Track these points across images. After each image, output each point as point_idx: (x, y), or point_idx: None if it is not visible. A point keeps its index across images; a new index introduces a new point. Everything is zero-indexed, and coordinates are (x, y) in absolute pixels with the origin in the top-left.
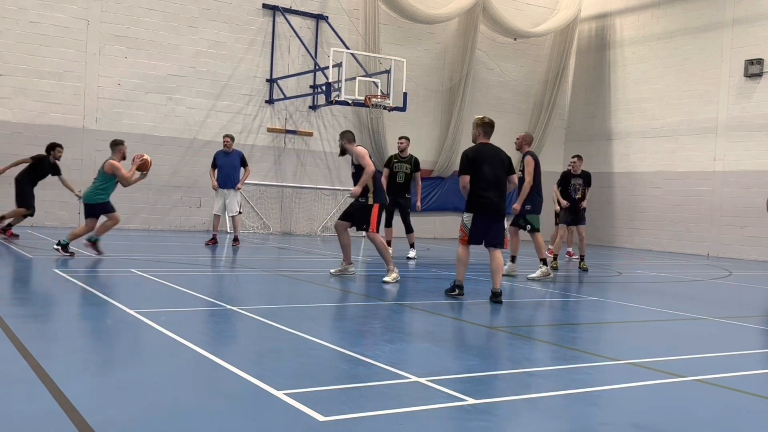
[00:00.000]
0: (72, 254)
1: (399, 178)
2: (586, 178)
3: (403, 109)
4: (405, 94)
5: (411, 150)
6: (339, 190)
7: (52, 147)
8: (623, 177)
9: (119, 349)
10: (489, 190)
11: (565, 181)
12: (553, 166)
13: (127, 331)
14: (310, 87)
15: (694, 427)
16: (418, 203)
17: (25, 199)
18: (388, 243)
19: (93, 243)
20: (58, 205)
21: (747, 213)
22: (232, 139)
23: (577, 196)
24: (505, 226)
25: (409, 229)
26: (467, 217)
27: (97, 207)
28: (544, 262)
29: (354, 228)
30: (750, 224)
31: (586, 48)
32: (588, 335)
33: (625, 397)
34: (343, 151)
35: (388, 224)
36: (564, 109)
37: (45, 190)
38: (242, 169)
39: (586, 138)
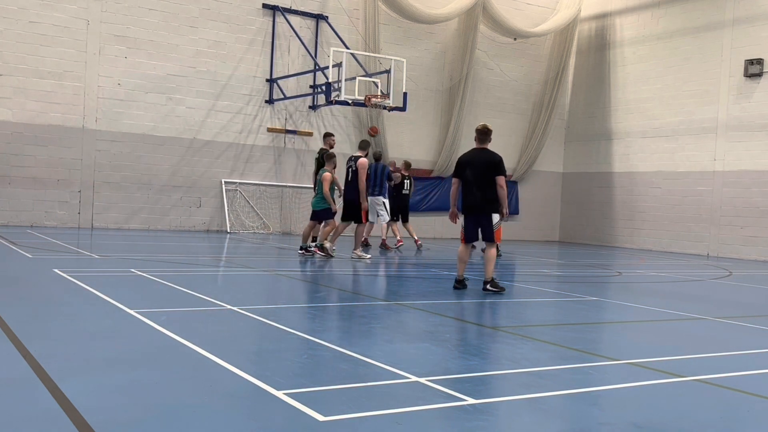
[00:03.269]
0: (325, 254)
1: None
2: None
3: (403, 109)
4: (405, 94)
5: (413, 149)
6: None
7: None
8: (623, 177)
9: (119, 349)
10: (472, 192)
11: None
12: (553, 166)
13: (127, 331)
14: (310, 87)
15: (694, 427)
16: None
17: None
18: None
19: (320, 248)
20: (57, 205)
21: (747, 213)
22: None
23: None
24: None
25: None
26: (462, 219)
27: (321, 212)
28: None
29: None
30: (750, 224)
31: (586, 48)
32: (588, 335)
33: (625, 397)
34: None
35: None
36: (564, 109)
37: (44, 190)
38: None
39: (586, 138)
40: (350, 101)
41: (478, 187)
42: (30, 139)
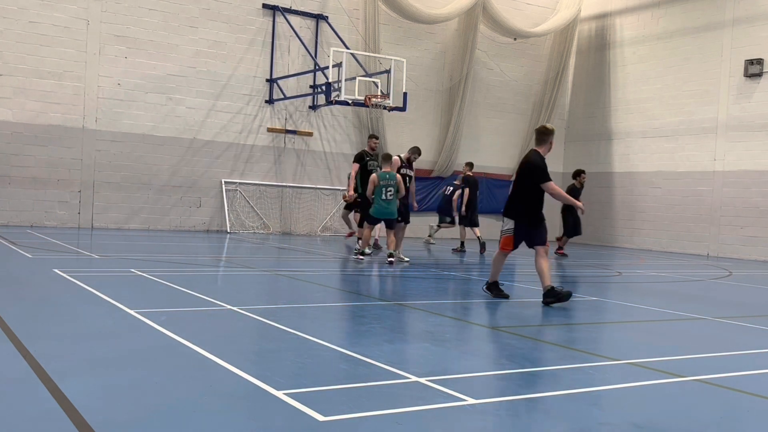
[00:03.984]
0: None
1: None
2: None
3: (403, 109)
4: (405, 94)
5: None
6: (339, 189)
7: (578, 173)
8: (623, 177)
9: (119, 349)
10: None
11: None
12: (553, 166)
13: (127, 331)
14: (310, 87)
15: (694, 427)
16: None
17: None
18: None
19: (390, 255)
20: (57, 205)
21: (747, 213)
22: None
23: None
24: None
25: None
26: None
27: (394, 220)
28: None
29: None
30: (750, 224)
31: (586, 48)
32: (588, 335)
33: (625, 397)
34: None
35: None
36: (564, 109)
37: (44, 190)
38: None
39: (586, 138)
40: (350, 101)
41: (512, 191)
42: (30, 139)
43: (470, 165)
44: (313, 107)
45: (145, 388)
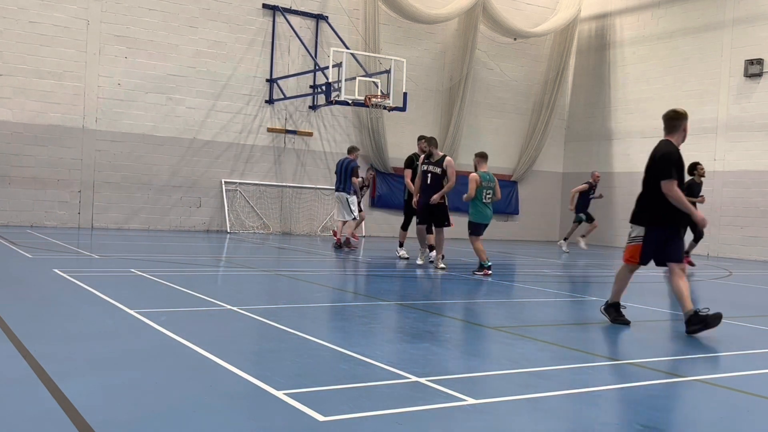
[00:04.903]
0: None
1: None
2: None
3: (403, 109)
4: (405, 94)
5: (413, 150)
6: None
7: (694, 166)
8: (623, 177)
9: (119, 349)
10: None
11: None
12: (553, 166)
13: (127, 331)
14: (310, 87)
15: (694, 427)
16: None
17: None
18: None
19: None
20: (57, 205)
21: (747, 213)
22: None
23: None
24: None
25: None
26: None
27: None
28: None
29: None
30: (750, 224)
31: (586, 48)
32: (588, 335)
33: (625, 397)
34: (428, 155)
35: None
36: (564, 109)
37: (44, 190)
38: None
39: (586, 138)
40: (350, 101)
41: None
42: (30, 139)
43: None
44: (313, 107)
45: (145, 388)
